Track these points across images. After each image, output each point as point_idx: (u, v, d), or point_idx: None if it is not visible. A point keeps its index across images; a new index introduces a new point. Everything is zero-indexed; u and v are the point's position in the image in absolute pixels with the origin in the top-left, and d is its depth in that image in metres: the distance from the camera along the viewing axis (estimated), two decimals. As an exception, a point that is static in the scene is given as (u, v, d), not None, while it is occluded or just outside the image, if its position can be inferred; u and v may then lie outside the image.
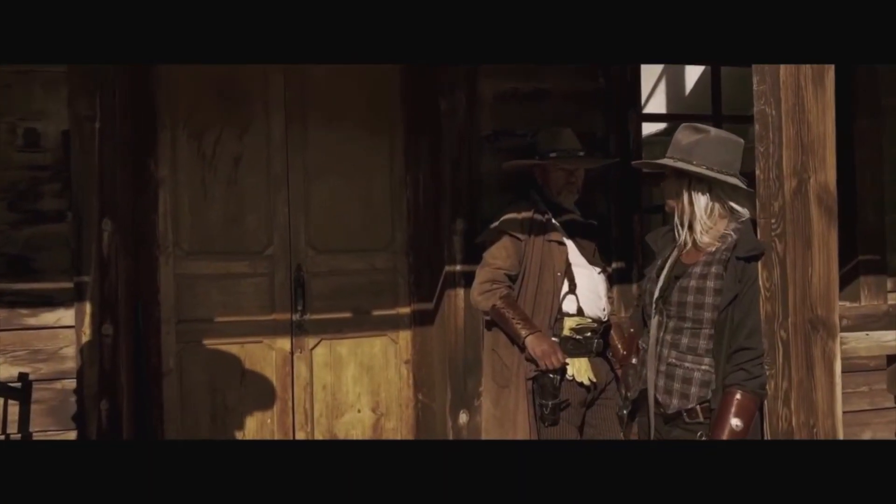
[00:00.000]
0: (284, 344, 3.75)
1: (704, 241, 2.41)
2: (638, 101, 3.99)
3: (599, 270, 3.35)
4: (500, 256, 3.25)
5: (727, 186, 2.39)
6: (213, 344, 3.66)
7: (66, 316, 3.25)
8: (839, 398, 2.23)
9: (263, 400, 3.72)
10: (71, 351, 3.25)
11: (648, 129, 5.02)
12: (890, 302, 3.96)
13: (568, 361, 3.14)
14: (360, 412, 3.87)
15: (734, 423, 2.25)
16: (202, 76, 3.61)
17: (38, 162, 3.25)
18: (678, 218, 2.46)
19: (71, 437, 3.24)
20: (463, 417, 3.63)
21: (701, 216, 2.40)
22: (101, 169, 3.28)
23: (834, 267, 2.22)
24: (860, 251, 4.00)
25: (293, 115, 3.77)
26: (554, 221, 3.29)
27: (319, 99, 3.80)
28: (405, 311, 3.91)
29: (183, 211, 3.65)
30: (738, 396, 2.27)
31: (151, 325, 3.55)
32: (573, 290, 3.22)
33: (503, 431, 3.19)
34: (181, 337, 3.62)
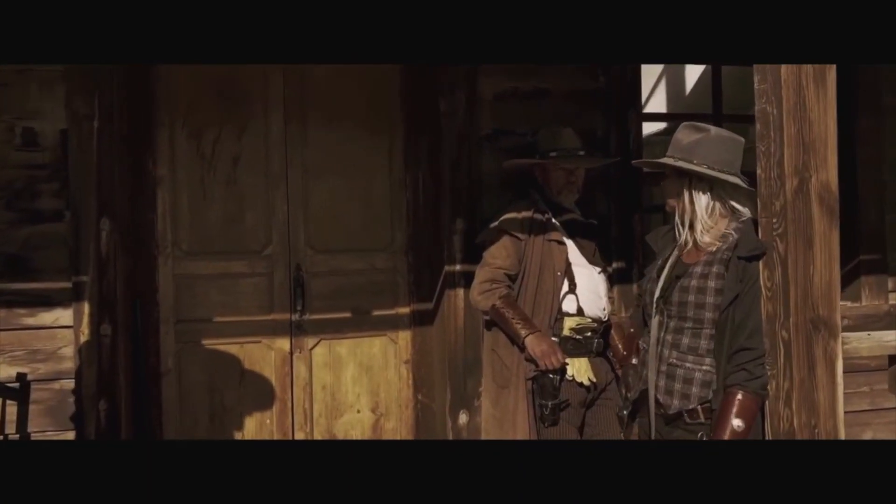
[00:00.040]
0: (283, 344, 3.74)
1: (705, 240, 2.40)
2: (638, 100, 3.98)
3: (599, 270, 3.34)
4: (499, 256, 3.25)
5: (728, 185, 2.38)
6: (211, 344, 3.65)
7: (64, 316, 3.24)
8: (841, 398, 2.22)
9: (262, 400, 3.71)
10: (69, 351, 3.25)
11: (649, 128, 5.00)
12: (891, 302, 3.95)
13: (568, 361, 3.13)
14: (359, 412, 3.86)
15: (735, 423, 2.24)
16: (202, 75, 3.61)
17: (35, 161, 3.24)
18: (679, 217, 2.45)
19: (69, 437, 3.23)
20: (463, 418, 3.63)
21: (702, 215, 2.39)
22: (99, 168, 3.27)
23: (835, 266, 2.22)
24: (861, 251, 4.00)
25: (293, 114, 3.77)
26: (554, 221, 3.29)
27: (319, 99, 3.79)
28: (405, 311, 3.90)
29: (182, 210, 3.64)
30: (739, 397, 2.26)
31: (150, 324, 3.54)
32: (573, 289, 3.22)
33: (503, 432, 3.18)
34: (180, 337, 3.62)
